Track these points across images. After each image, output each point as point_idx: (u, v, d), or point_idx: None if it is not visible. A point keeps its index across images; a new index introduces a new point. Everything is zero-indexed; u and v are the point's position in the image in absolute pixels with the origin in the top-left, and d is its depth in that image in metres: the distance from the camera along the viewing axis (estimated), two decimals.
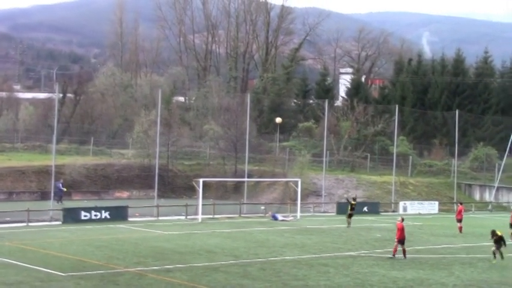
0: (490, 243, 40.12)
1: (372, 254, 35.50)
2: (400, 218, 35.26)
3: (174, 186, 74.59)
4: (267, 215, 56.68)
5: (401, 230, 33.98)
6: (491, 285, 27.85)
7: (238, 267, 30.53)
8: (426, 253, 36.90)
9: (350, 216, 49.63)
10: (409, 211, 66.04)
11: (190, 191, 65.19)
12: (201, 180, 54.43)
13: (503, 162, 77.66)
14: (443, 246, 40.12)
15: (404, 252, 34.02)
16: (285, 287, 26.40)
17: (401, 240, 33.97)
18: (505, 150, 77.46)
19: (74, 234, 41.55)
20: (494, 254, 33.91)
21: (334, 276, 29.01)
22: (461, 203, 52.96)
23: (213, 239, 40.96)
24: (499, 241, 33.96)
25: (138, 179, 74.03)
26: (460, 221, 48.17)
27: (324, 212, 64.17)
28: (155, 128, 62.23)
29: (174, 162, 78.96)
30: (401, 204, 67.39)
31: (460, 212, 48.96)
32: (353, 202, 50.63)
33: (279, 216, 54.80)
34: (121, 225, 47.32)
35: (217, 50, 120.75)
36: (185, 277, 27.83)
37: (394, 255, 33.99)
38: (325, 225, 51.32)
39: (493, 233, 34.41)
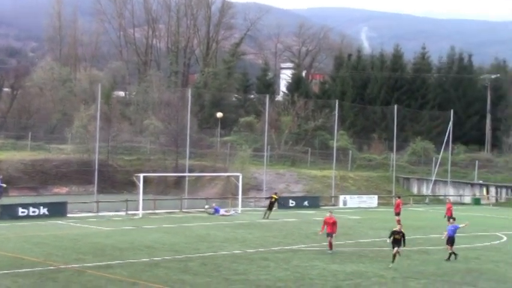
0: (425, 237, 40.98)
1: (312, 247, 35.75)
2: (328, 213, 35.52)
3: (114, 181, 73.92)
4: (209, 208, 56.51)
5: (331, 224, 34.07)
6: (428, 276, 28.38)
7: (179, 263, 30.45)
8: (365, 246, 37.39)
9: (269, 208, 52.50)
10: (349, 205, 66.84)
11: (131, 186, 64.68)
12: (141, 175, 54.05)
13: (440, 156, 79.20)
14: (382, 239, 40.59)
15: (330, 244, 34.11)
16: (226, 281, 26.44)
17: (329, 234, 34.10)
18: (442, 144, 78.99)
19: (11, 231, 40.80)
20: (394, 256, 30.37)
21: (275, 270, 29.17)
22: (399, 197, 53.77)
23: (154, 234, 40.76)
24: (398, 242, 30.32)
25: (77, 174, 73.14)
26: (398, 214, 48.90)
27: (265, 206, 64.33)
28: (95, 122, 61.61)
29: (114, 157, 78.29)
30: (341, 198, 68.11)
31: (398, 206, 49.71)
32: (274, 196, 54.01)
33: (221, 210, 54.92)
34: (60, 222, 46.65)
35: (158, 44, 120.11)
36: (125, 273, 27.63)
37: (330, 249, 34.13)
38: (266, 219, 51.53)
39: (394, 231, 30.62)
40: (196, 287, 25.13)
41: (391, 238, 30.54)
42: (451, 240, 32.59)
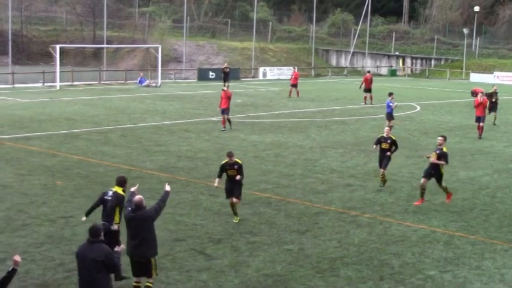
0: (343, 107, 41.79)
1: (233, 119, 36.01)
2: (223, 89, 33.74)
3: (30, 52, 71.95)
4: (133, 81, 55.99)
5: (226, 99, 32.55)
6: (345, 145, 29.21)
7: (99, 134, 30.38)
8: (284, 117, 38.00)
9: (225, 79, 52.56)
10: (269, 77, 67.29)
11: (47, 57, 63.13)
12: (57, 46, 52.81)
13: (359, 28, 79.76)
14: (301, 110, 41.36)
15: (229, 121, 32.85)
16: (146, 152, 26.59)
17: (224, 110, 32.57)
18: (361, 16, 79.39)
19: None
20: (234, 210, 18.05)
21: (195, 141, 29.47)
22: (295, 68, 53.56)
23: (73, 106, 40.31)
24: (234, 183, 17.90)
25: None
26: (294, 86, 48.92)
27: (185, 78, 64.27)
28: None
29: (29, 27, 75.90)
30: (261, 70, 68.41)
31: (295, 78, 49.52)
32: (224, 67, 55.75)
33: (145, 81, 54.95)
34: None
35: None
36: (45, 145, 27.45)
37: (224, 127, 32.58)
38: (187, 91, 51.56)
39: (224, 164, 17.96)
40: (117, 158, 25.23)
41: (224, 172, 18.13)
42: (389, 116, 32.14)
